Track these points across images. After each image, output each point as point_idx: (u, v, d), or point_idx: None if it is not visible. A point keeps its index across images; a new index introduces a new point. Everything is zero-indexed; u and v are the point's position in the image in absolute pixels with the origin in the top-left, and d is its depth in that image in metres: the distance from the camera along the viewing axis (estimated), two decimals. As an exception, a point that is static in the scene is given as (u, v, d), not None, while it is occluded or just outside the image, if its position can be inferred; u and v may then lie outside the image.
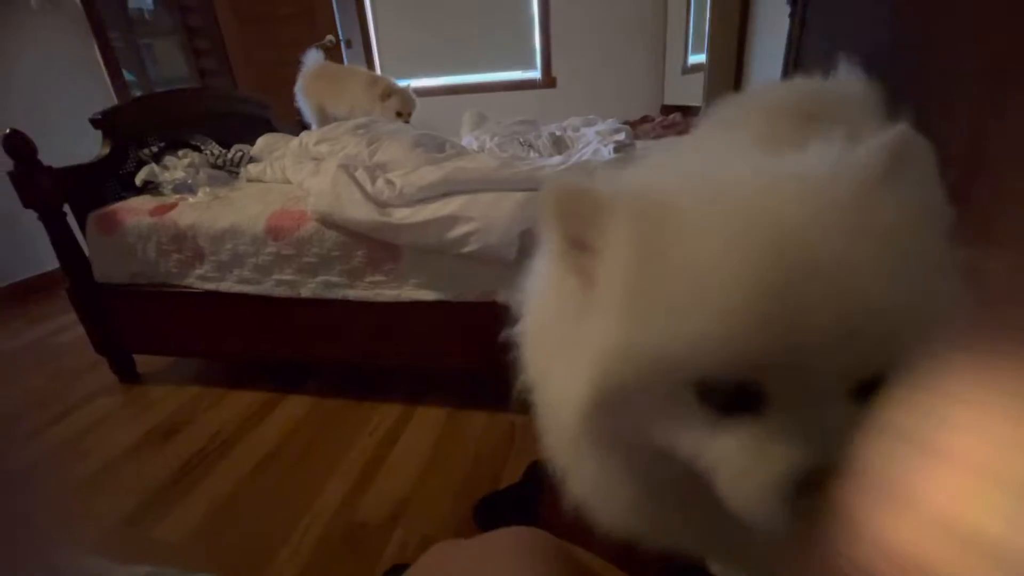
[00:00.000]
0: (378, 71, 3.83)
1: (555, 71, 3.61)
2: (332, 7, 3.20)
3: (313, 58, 2.25)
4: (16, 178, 1.34)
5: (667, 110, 3.37)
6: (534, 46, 3.60)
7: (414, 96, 2.19)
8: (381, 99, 2.07)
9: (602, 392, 0.32)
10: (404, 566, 0.66)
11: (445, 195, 1.19)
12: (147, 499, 1.19)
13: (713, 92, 3.03)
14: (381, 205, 1.19)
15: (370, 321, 1.33)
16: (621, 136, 1.33)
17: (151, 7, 4.60)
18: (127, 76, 4.42)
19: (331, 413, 1.43)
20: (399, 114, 2.12)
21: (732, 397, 0.30)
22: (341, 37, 3.31)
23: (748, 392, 0.30)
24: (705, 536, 0.41)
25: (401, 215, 1.17)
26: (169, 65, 4.66)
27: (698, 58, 3.26)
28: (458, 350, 1.33)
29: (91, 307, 1.51)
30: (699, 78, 3.17)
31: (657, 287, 0.31)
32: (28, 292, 2.33)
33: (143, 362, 1.65)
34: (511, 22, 3.57)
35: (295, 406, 1.46)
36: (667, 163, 0.49)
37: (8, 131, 1.32)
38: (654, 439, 0.33)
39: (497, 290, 1.22)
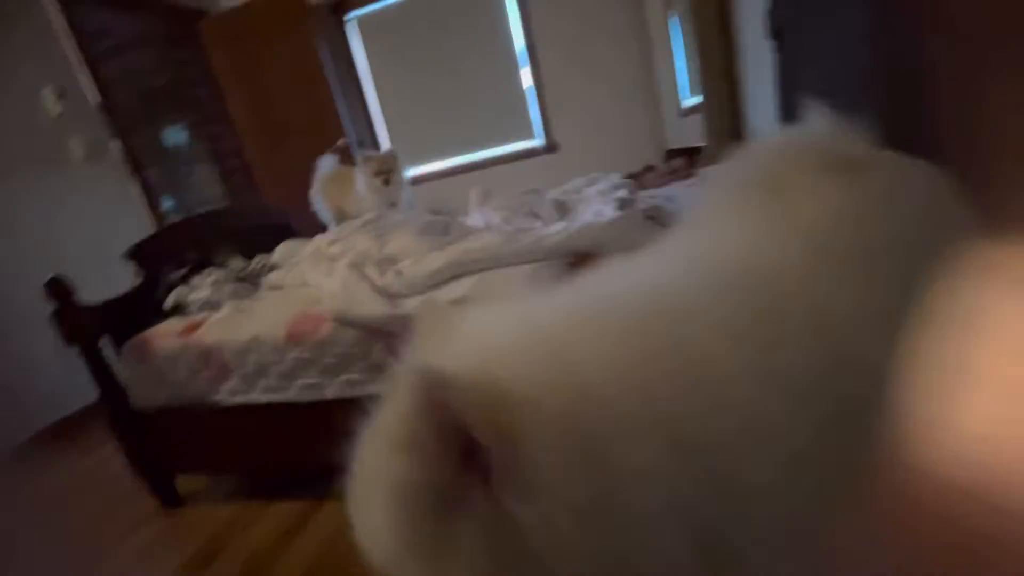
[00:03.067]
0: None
1: (555, 136, 3.74)
2: (338, 114, 3.45)
3: (327, 163, 2.37)
4: (57, 318, 1.42)
5: (671, 154, 3.40)
6: (532, 116, 3.76)
7: (392, 156, 2.17)
8: (362, 167, 2.12)
9: None
10: None
11: (454, 278, 1.19)
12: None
13: (713, 132, 3.05)
14: (392, 297, 1.20)
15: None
16: (622, 192, 1.32)
17: (187, 141, 5.12)
18: (169, 203, 4.86)
19: (368, 516, 1.37)
20: (379, 174, 2.09)
21: None
22: (352, 139, 3.54)
23: None
24: None
25: (412, 305, 1.17)
26: (205, 188, 5.10)
27: (695, 99, 3.33)
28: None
29: (129, 434, 1.53)
30: (698, 118, 3.22)
31: None
32: (85, 420, 2.43)
33: (183, 481, 1.65)
34: (507, 97, 3.76)
35: (332, 513, 1.41)
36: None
37: (50, 278, 1.41)
38: None
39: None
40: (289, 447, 1.43)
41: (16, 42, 2.52)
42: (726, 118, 3.09)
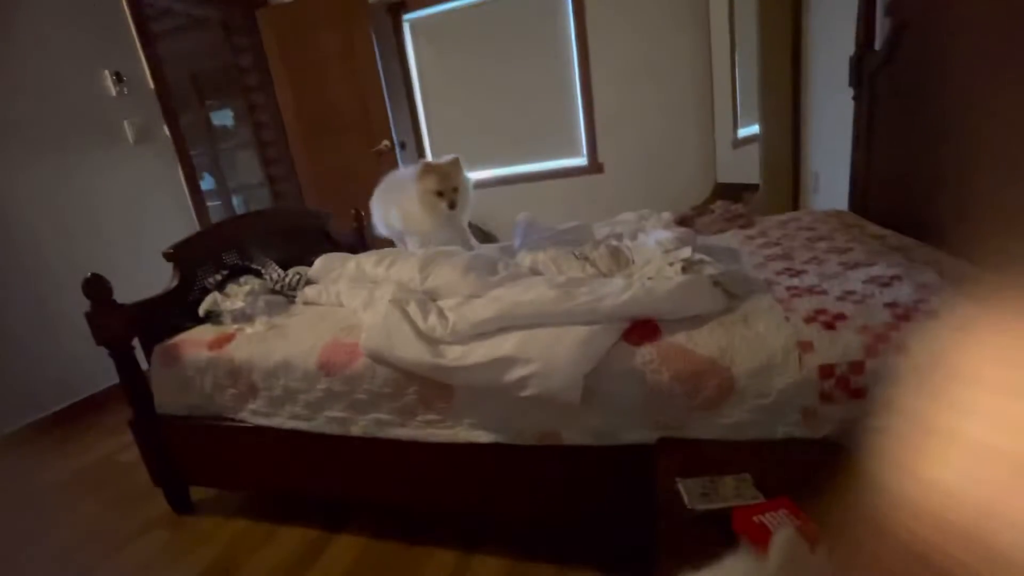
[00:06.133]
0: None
1: (601, 156, 3.64)
2: (388, 115, 3.41)
3: (399, 173, 2.11)
4: (91, 319, 1.40)
5: (721, 189, 3.27)
6: (579, 133, 3.67)
7: (458, 171, 1.77)
8: (418, 181, 1.76)
9: None
10: None
11: (500, 330, 1.11)
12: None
13: (769, 171, 2.92)
14: (433, 343, 1.13)
15: (422, 462, 1.23)
16: (686, 252, 1.23)
17: (232, 123, 5.18)
18: (208, 182, 4.94)
19: (381, 560, 1.31)
20: (439, 194, 1.73)
21: None
22: (396, 140, 3.50)
23: None
24: None
25: (454, 355, 1.10)
26: (245, 171, 5.16)
27: (748, 131, 3.19)
28: (518, 497, 1.20)
29: (151, 439, 1.51)
30: (750, 151, 3.08)
31: None
32: (106, 401, 2.44)
33: (196, 489, 1.62)
34: (556, 112, 3.68)
35: (343, 549, 1.35)
36: None
37: (89, 276, 1.39)
38: None
39: (560, 431, 1.10)
40: (308, 476, 1.38)
41: (83, 23, 2.54)
42: (785, 157, 2.96)
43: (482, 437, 1.15)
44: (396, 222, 1.92)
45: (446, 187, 1.75)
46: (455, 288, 1.31)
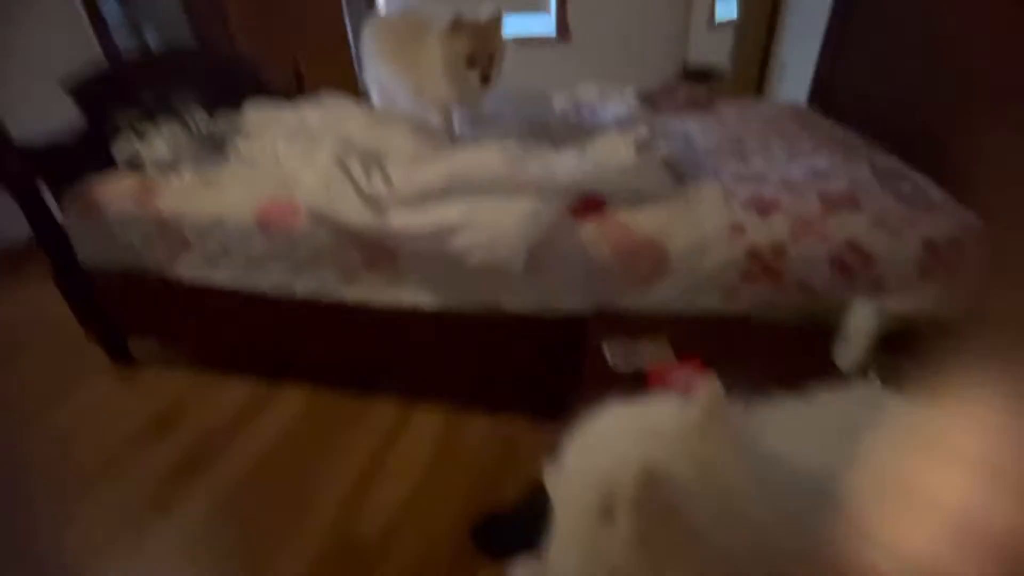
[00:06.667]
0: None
1: (571, 18, 3.35)
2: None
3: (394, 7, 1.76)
4: (-16, 157, 1.24)
5: (689, 73, 3.15)
6: (549, -7, 3.32)
7: (498, 33, 1.22)
8: (445, 40, 1.19)
9: None
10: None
11: (447, 196, 1.09)
12: (141, 503, 1.18)
13: (741, 55, 2.80)
14: (377, 206, 1.09)
15: (366, 327, 1.26)
16: (643, 131, 1.20)
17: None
18: (114, 5, 4.13)
19: (326, 410, 1.39)
20: (471, 61, 1.19)
21: None
22: (339, -23, 3.04)
23: None
24: None
25: (398, 219, 1.08)
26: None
27: (726, 14, 3.01)
28: (459, 361, 1.27)
29: (77, 291, 1.44)
30: (726, 35, 2.93)
31: None
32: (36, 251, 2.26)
33: (136, 343, 1.60)
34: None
35: (289, 400, 1.42)
36: None
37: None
38: None
39: (502, 300, 1.15)
40: (252, 332, 1.40)
41: None
42: (759, 41, 2.83)
43: (426, 300, 1.18)
44: (394, 81, 1.40)
45: (481, 53, 1.20)
46: (403, 149, 1.24)
